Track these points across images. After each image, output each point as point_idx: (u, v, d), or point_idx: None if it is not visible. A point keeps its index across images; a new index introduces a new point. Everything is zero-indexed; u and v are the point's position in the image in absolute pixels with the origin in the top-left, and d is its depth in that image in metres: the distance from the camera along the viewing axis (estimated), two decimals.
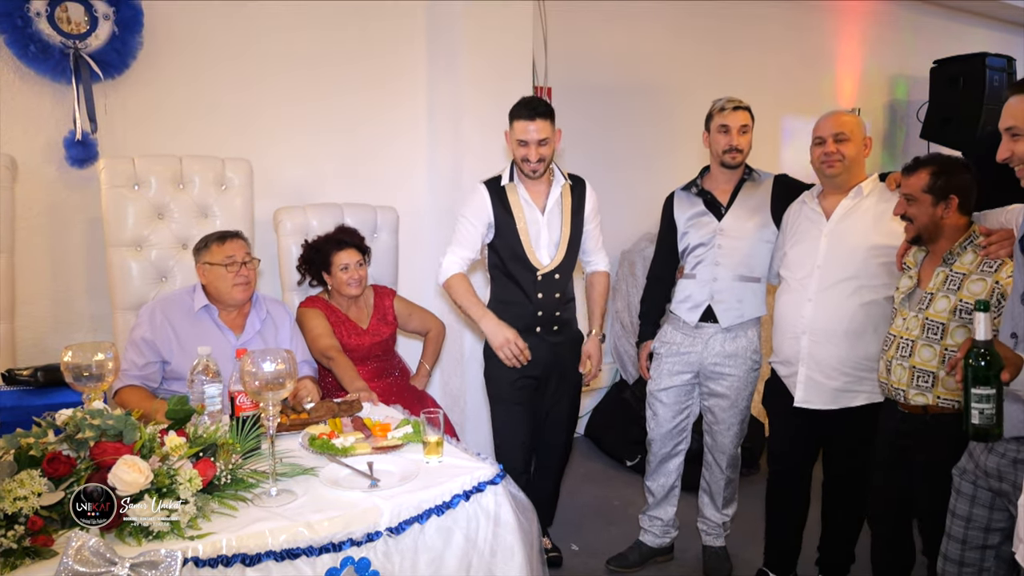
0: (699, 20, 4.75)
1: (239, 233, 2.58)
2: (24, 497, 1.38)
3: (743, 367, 2.76)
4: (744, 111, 2.69)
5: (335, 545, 1.54)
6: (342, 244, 2.90)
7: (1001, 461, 1.83)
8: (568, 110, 4.24)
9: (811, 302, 2.49)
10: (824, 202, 2.55)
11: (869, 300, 2.42)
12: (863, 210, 2.48)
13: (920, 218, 2.16)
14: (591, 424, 4.49)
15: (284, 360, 1.67)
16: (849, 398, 2.48)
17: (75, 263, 3.08)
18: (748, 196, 2.75)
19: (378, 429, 2.07)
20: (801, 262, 2.54)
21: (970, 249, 2.11)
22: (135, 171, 2.88)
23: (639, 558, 3.02)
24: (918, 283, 2.22)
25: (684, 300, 2.80)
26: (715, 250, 2.73)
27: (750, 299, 2.74)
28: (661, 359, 2.87)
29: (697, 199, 2.80)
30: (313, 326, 2.81)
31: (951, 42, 5.91)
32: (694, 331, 2.79)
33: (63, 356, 1.77)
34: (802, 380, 2.52)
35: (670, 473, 2.95)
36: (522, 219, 2.68)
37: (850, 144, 2.47)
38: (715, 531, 2.97)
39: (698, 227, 2.77)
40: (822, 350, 2.47)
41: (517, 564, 1.78)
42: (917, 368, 2.14)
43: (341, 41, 3.59)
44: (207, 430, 1.73)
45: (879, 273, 2.42)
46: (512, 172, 2.72)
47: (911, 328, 2.17)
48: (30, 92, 2.92)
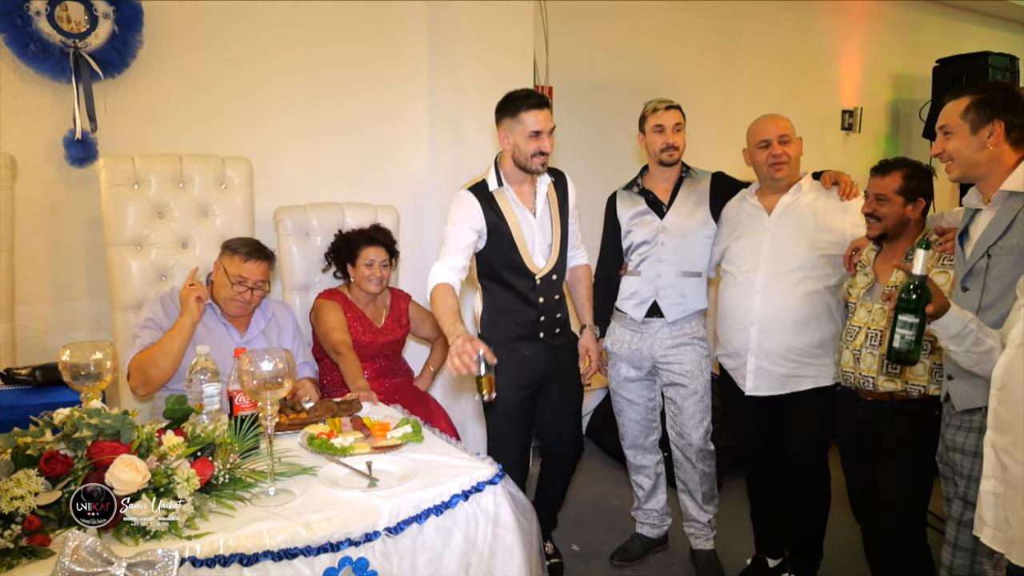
0: (701, 19, 4.74)
1: (269, 256, 2.59)
2: (21, 496, 1.38)
3: (693, 353, 2.83)
4: (676, 110, 2.77)
5: (333, 545, 1.54)
6: (372, 240, 2.95)
7: (956, 432, 2.01)
8: (569, 110, 4.24)
9: (759, 294, 2.59)
10: (763, 199, 2.67)
11: (812, 290, 2.54)
12: (803, 206, 2.60)
13: (889, 217, 2.30)
14: (592, 424, 4.49)
15: (282, 359, 1.67)
16: (796, 383, 2.59)
17: (75, 262, 3.08)
18: (688, 194, 2.84)
19: (377, 429, 2.07)
20: (746, 256, 2.65)
21: None
22: (135, 170, 2.88)
23: (640, 549, 3.09)
24: (875, 278, 2.37)
25: (630, 297, 2.87)
26: (659, 247, 2.80)
27: (692, 293, 2.82)
28: (615, 358, 2.95)
29: (639, 198, 2.88)
30: (328, 319, 2.83)
31: (953, 41, 5.90)
32: (641, 326, 2.86)
33: (61, 355, 1.77)
34: (751, 369, 2.63)
35: (651, 464, 3.03)
36: (516, 224, 2.53)
37: (791, 145, 2.61)
38: (703, 532, 2.97)
39: (641, 225, 2.84)
40: (771, 339, 2.58)
41: (516, 564, 1.78)
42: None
43: (342, 40, 3.58)
44: (205, 429, 1.72)
45: (820, 264, 2.55)
46: (499, 176, 2.55)
47: (877, 319, 2.31)
48: (30, 91, 2.92)
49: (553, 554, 3.02)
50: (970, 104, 1.93)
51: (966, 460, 1.97)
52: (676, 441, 2.91)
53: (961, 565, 2.01)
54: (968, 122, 1.93)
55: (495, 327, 2.61)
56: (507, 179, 2.55)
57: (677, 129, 2.76)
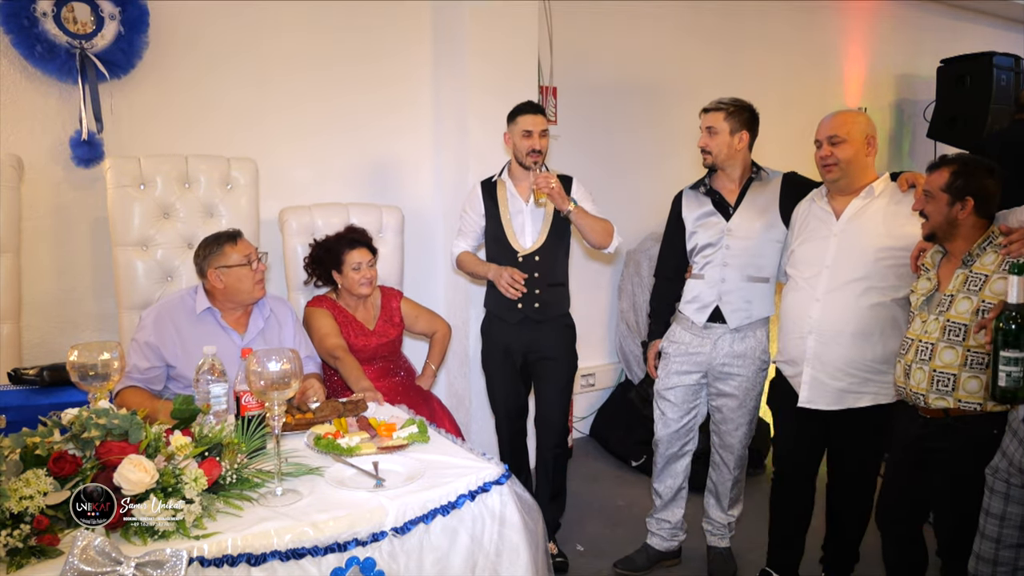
0: (705, 20, 4.74)
1: (240, 231, 2.56)
2: (30, 496, 1.38)
3: (752, 367, 2.75)
4: (710, 113, 2.68)
5: (340, 545, 1.54)
6: (354, 243, 2.89)
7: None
8: (573, 110, 4.24)
9: (819, 302, 2.46)
10: (833, 202, 2.51)
11: (877, 302, 2.39)
12: (874, 211, 2.44)
13: (935, 216, 2.14)
14: (596, 424, 4.49)
15: (289, 360, 1.67)
16: (854, 399, 2.46)
17: (81, 263, 3.09)
18: (756, 195, 2.72)
19: (383, 429, 2.07)
20: (809, 261, 2.51)
21: (990, 250, 2.08)
22: (141, 171, 2.88)
23: (646, 561, 3.00)
24: (937, 286, 2.18)
25: (692, 300, 2.78)
26: (723, 251, 2.71)
27: (758, 299, 2.72)
28: (669, 358, 2.85)
29: (705, 199, 2.78)
30: (320, 325, 2.81)
31: (958, 41, 5.89)
32: (702, 331, 2.77)
33: (69, 355, 1.77)
34: (807, 380, 2.50)
35: (677, 474, 2.94)
36: (506, 209, 2.94)
37: (846, 146, 2.42)
38: (720, 532, 2.97)
39: (706, 227, 2.75)
40: (828, 351, 2.45)
41: (522, 564, 1.78)
42: (938, 371, 2.11)
43: (347, 41, 3.59)
44: (212, 429, 1.72)
45: (888, 275, 2.39)
46: (503, 171, 3.00)
47: (931, 331, 2.14)
48: (36, 92, 2.93)
49: (557, 554, 3.03)
50: None
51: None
52: (716, 444, 2.88)
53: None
54: None
55: (490, 294, 3.04)
56: (512, 175, 2.98)
57: (711, 133, 2.68)
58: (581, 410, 4.49)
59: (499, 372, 3.04)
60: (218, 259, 2.44)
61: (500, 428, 3.14)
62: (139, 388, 2.35)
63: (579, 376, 4.37)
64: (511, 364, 3.00)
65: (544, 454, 3.04)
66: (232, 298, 2.48)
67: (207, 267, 2.45)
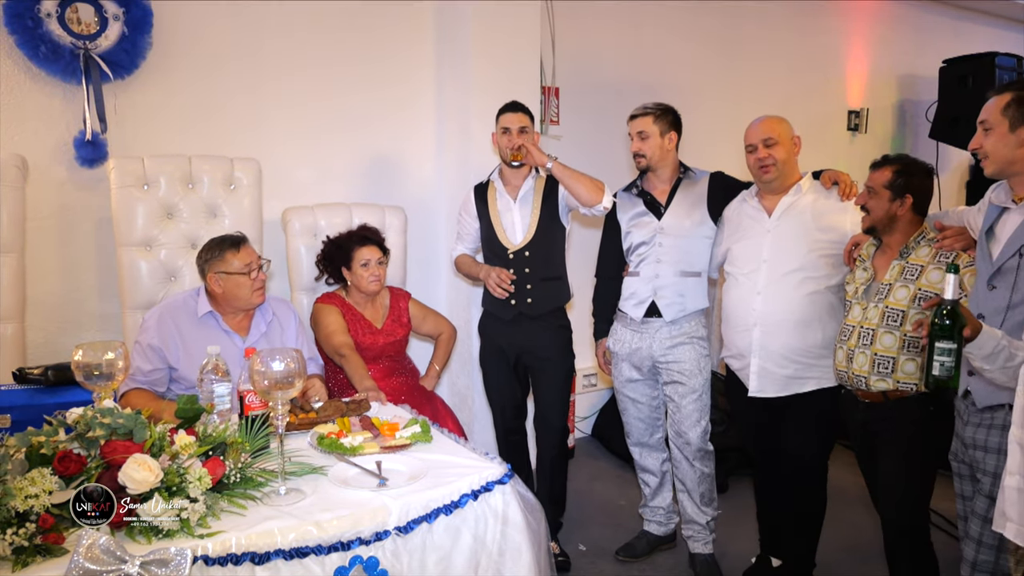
0: (707, 21, 4.74)
1: (246, 237, 2.56)
2: (35, 495, 1.39)
3: (692, 352, 2.84)
4: (639, 118, 2.84)
5: (344, 544, 1.55)
6: (365, 240, 2.93)
7: (977, 430, 1.98)
8: (576, 110, 4.25)
9: (760, 295, 2.60)
10: (764, 201, 2.68)
11: (814, 290, 2.55)
12: (802, 207, 2.61)
13: (876, 211, 2.31)
14: (598, 424, 4.49)
15: (293, 359, 1.68)
16: (799, 384, 2.60)
17: (85, 263, 3.10)
18: (686, 194, 2.86)
19: (386, 428, 2.07)
20: (747, 257, 2.66)
21: (924, 244, 2.29)
22: (144, 171, 2.89)
23: (647, 547, 3.10)
24: (874, 276, 2.36)
25: (630, 297, 2.91)
26: (656, 248, 2.84)
27: (691, 293, 2.84)
28: (618, 357, 2.99)
29: (638, 199, 2.92)
30: (328, 322, 2.83)
31: (960, 41, 5.88)
32: (641, 326, 2.88)
33: (74, 355, 1.77)
34: (755, 371, 2.64)
35: (657, 461, 3.06)
36: (495, 208, 3.01)
37: (779, 147, 2.59)
38: (701, 535, 2.95)
39: (640, 227, 2.88)
40: (774, 340, 2.59)
41: (525, 564, 1.78)
42: (879, 355, 2.27)
43: (350, 41, 3.60)
44: (216, 429, 1.73)
45: (820, 265, 2.56)
46: (494, 172, 3.08)
47: (871, 318, 2.30)
48: (40, 93, 2.94)
49: (559, 553, 3.03)
50: (1011, 100, 1.90)
51: (990, 457, 1.95)
52: (674, 440, 2.93)
53: (985, 561, 2.00)
54: (1008, 119, 1.91)
55: (486, 293, 3.06)
56: (502, 176, 3.05)
57: (641, 137, 2.82)
58: (583, 410, 4.50)
59: (494, 369, 3.11)
60: (218, 264, 2.45)
61: (496, 424, 3.22)
62: (143, 390, 2.37)
63: (581, 376, 4.37)
64: (505, 362, 3.06)
65: (543, 456, 3.08)
66: (231, 303, 2.48)
67: (208, 270, 2.47)
